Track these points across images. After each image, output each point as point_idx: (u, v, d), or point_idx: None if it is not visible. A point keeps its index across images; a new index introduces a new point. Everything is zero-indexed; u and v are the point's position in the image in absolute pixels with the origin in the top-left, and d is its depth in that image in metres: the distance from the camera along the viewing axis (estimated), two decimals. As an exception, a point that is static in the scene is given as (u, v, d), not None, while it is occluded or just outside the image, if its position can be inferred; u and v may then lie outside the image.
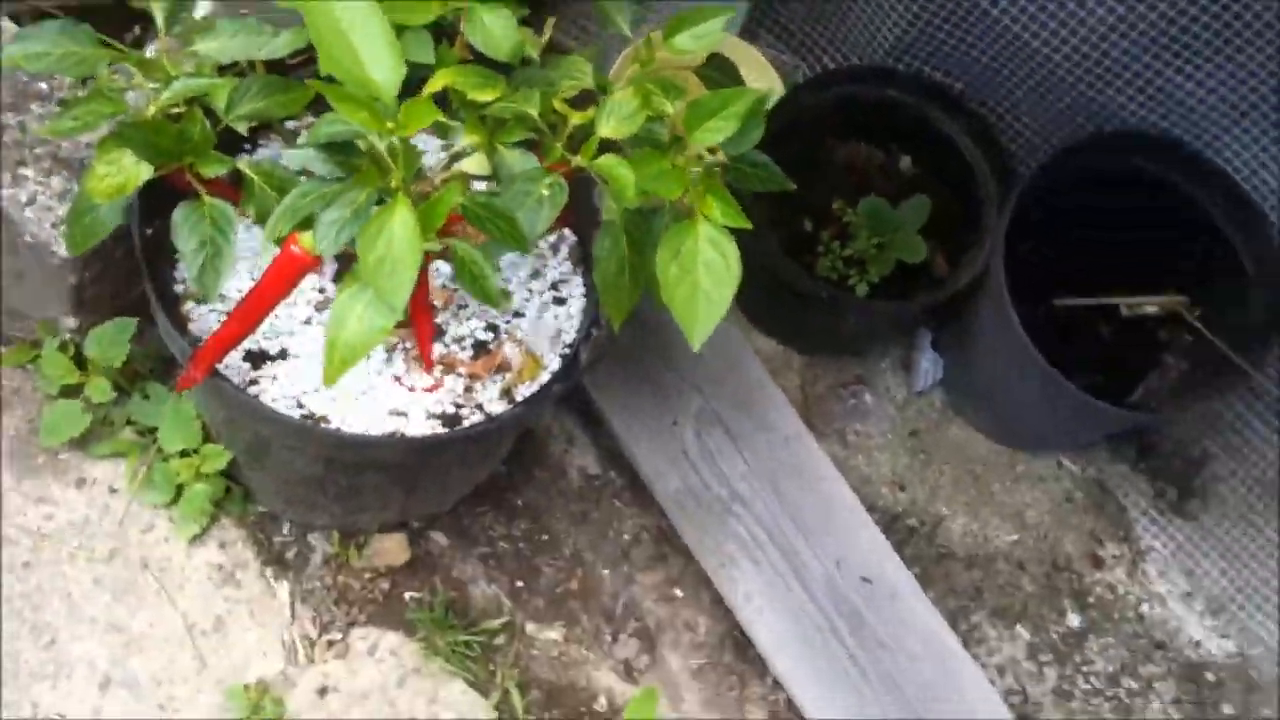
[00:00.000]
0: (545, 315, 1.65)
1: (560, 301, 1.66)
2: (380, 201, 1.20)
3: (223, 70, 1.35)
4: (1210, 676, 2.03)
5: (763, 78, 2.06)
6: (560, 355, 1.63)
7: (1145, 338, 2.01)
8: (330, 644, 1.81)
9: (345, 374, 1.20)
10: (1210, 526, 2.07)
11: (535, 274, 1.67)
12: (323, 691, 1.78)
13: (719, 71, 1.42)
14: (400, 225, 1.13)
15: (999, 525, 2.04)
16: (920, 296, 1.93)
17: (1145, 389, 1.99)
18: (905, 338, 2.09)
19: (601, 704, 1.84)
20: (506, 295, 1.63)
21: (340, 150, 1.22)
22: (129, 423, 1.85)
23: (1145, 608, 2.04)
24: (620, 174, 1.23)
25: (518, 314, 1.64)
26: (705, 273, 1.24)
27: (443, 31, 1.31)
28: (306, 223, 1.24)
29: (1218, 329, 1.91)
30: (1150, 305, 1.95)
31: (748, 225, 1.23)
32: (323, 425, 1.54)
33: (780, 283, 1.91)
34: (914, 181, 2.06)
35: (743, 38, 2.11)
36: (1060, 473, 2.09)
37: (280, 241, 1.29)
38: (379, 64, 1.09)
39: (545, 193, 1.24)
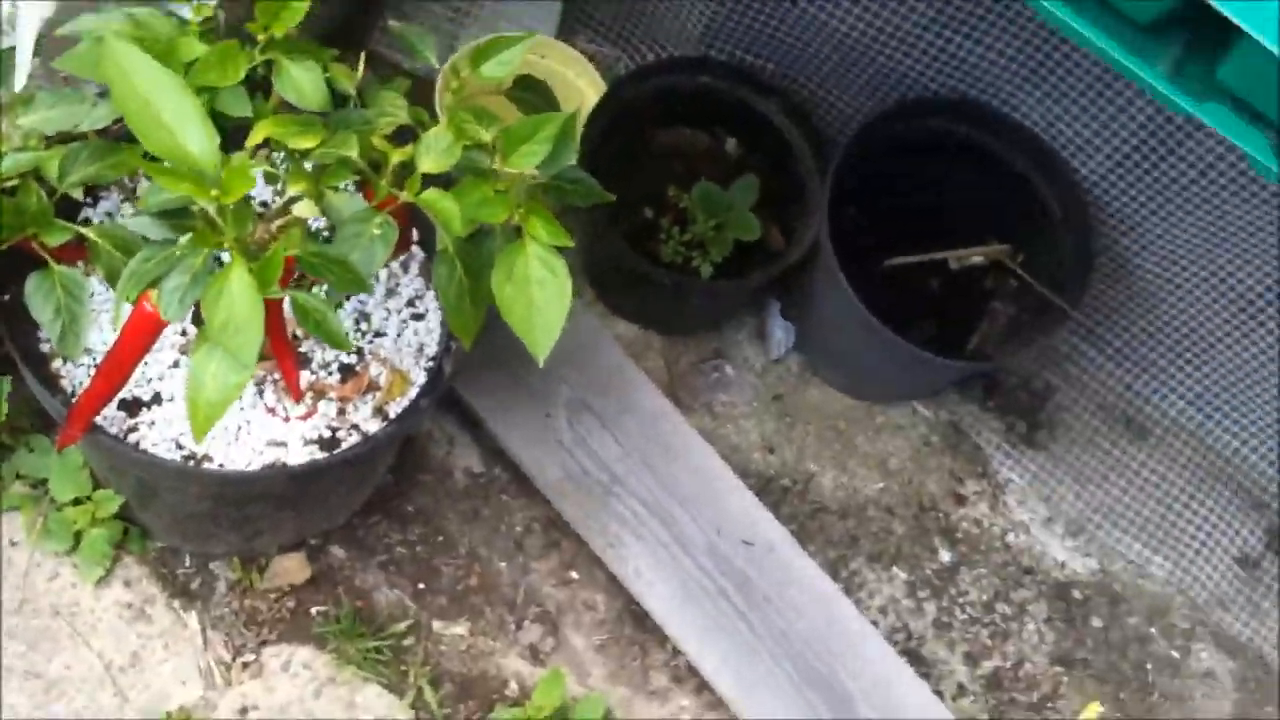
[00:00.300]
0: (405, 332, 1.71)
1: (419, 317, 1.72)
2: (220, 259, 1.26)
3: (49, 138, 1.40)
4: (1078, 594, 2.12)
5: (584, 76, 2.11)
6: (425, 369, 1.69)
7: (974, 288, 2.09)
8: (245, 665, 1.87)
9: (211, 429, 1.26)
10: (1061, 454, 2.16)
11: (390, 293, 1.73)
12: (243, 711, 1.84)
13: (529, 92, 1.48)
14: (239, 286, 1.18)
15: (866, 475, 2.12)
16: (758, 273, 2.00)
17: (979, 336, 2.08)
18: (756, 309, 2.16)
19: (513, 689, 1.91)
20: (366, 317, 1.70)
21: (174, 214, 1.27)
22: (19, 477, 1.88)
23: (1010, 537, 2.13)
24: (445, 207, 1.29)
25: (379, 334, 1.70)
26: (538, 290, 1.31)
27: (257, 84, 1.36)
28: (156, 281, 1.30)
29: (1037, 272, 2.00)
30: (976, 256, 2.04)
31: (570, 243, 1.30)
32: (204, 466, 1.59)
33: (629, 271, 1.98)
34: (741, 162, 2.12)
35: (561, 37, 2.16)
36: (916, 419, 2.17)
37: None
38: (193, 136, 1.14)
39: (376, 232, 1.29)
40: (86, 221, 1.64)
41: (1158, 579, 2.15)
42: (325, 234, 1.54)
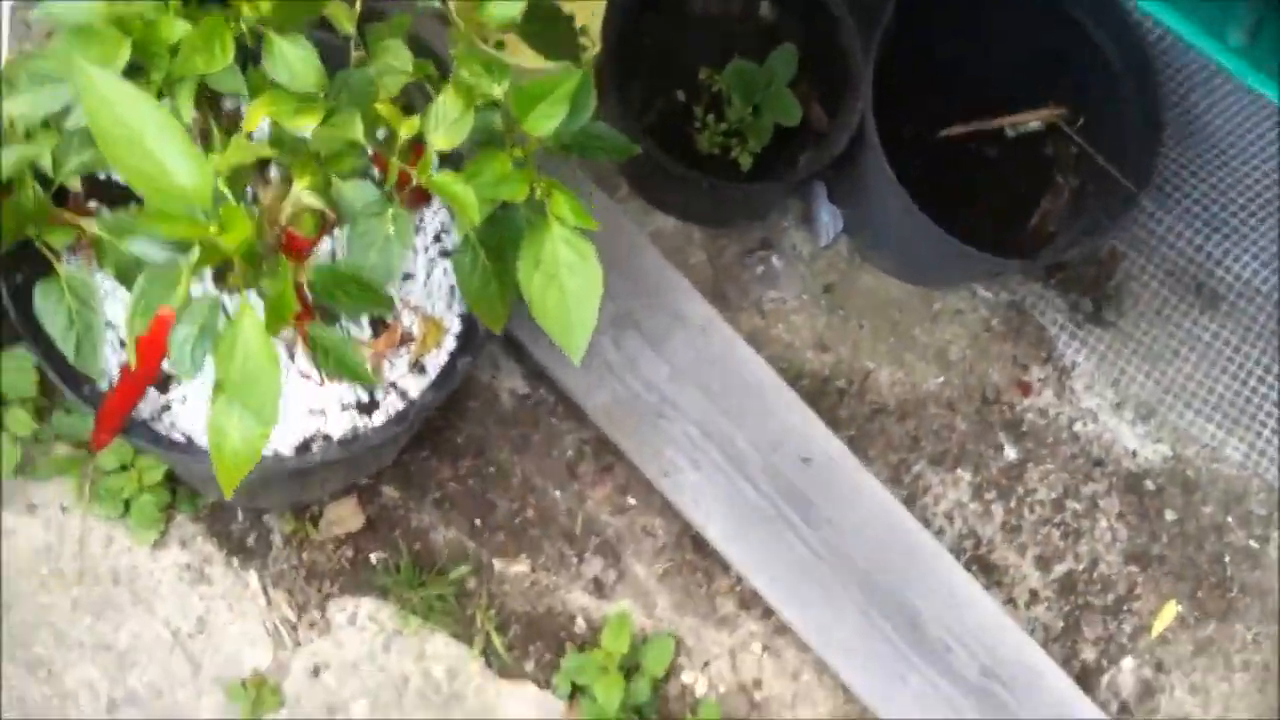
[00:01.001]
0: (435, 271, 1.62)
1: (446, 254, 1.62)
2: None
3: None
4: (1150, 485, 2.04)
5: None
6: (459, 315, 1.62)
7: (1035, 155, 1.97)
8: (311, 624, 1.84)
9: (240, 481, 1.19)
10: (1129, 330, 2.06)
11: (415, 229, 1.63)
12: (315, 671, 1.82)
13: (541, 24, 1.35)
14: (253, 337, 1.09)
15: (924, 369, 2.03)
16: (803, 160, 1.87)
17: (1040, 213, 1.96)
18: (801, 193, 2.03)
19: (580, 625, 1.88)
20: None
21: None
22: (58, 438, 1.84)
23: (1078, 426, 2.05)
24: (458, 192, 1.18)
25: (407, 276, 1.61)
26: (569, 276, 1.22)
27: (245, 52, 1.25)
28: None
29: (1100, 136, 1.86)
30: (1032, 121, 1.91)
31: (595, 226, 1.21)
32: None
33: (663, 170, 1.85)
34: (776, 29, 1.97)
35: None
36: (975, 302, 2.06)
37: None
38: (183, 168, 1.03)
39: (391, 229, 1.20)
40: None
41: (1233, 462, 2.06)
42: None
